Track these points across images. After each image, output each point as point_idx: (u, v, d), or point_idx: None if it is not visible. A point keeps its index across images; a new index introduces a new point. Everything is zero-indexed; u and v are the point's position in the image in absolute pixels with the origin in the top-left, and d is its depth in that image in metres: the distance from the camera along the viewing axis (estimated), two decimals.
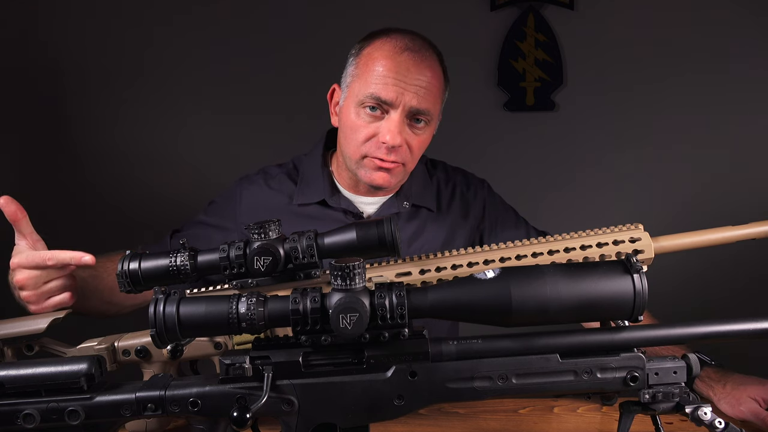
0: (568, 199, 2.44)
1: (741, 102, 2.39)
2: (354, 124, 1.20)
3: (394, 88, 1.15)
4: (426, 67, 1.18)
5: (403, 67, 1.16)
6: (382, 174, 1.21)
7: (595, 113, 2.45)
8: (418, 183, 1.35)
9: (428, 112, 1.19)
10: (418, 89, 1.16)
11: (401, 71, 1.16)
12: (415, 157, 1.23)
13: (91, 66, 2.48)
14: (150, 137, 2.52)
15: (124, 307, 1.24)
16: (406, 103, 1.16)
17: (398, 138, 1.16)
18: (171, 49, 2.47)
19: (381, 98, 1.16)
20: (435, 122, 1.26)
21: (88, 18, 2.46)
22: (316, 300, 0.69)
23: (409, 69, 1.16)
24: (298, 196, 1.32)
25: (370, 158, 1.20)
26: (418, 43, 1.20)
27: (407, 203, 1.31)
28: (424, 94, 1.17)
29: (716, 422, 0.72)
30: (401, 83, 1.15)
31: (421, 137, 1.22)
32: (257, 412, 0.69)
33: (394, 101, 1.16)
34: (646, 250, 0.87)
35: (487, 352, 0.73)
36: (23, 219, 1.04)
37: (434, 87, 1.19)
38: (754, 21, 2.36)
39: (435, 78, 1.19)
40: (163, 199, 2.48)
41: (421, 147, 1.23)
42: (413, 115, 1.18)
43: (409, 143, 1.20)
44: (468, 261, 0.88)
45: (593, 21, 2.42)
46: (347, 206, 1.30)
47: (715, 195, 2.41)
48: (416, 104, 1.16)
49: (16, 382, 0.73)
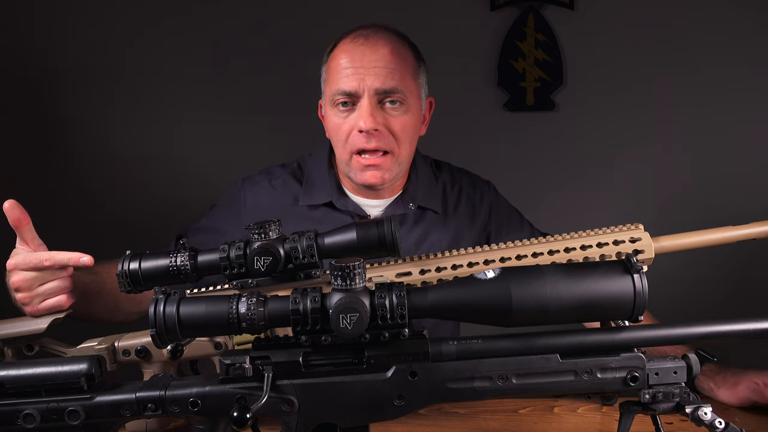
0: (568, 199, 2.44)
1: (741, 101, 2.39)
2: (335, 125, 1.22)
3: (354, 76, 1.18)
4: (381, 47, 1.19)
5: (358, 54, 1.19)
6: (372, 172, 1.21)
7: (595, 113, 2.45)
8: (423, 184, 1.33)
9: (397, 89, 1.19)
10: (378, 70, 1.18)
11: (357, 59, 1.18)
12: (401, 141, 1.22)
13: (89, 68, 2.47)
14: (149, 139, 2.51)
15: (130, 314, 1.23)
16: (369, 87, 1.18)
17: (370, 120, 1.17)
18: (170, 49, 2.46)
19: (345, 90, 1.18)
20: (414, 103, 1.24)
21: (86, 19, 2.46)
22: (316, 300, 0.69)
23: (365, 54, 1.19)
24: (303, 197, 1.31)
25: (357, 156, 1.21)
26: (374, 30, 1.23)
27: (413, 205, 1.30)
28: (386, 74, 1.18)
29: (716, 422, 0.72)
30: (360, 70, 1.18)
31: (401, 119, 1.21)
32: (257, 412, 0.69)
33: (357, 89, 1.18)
34: (647, 250, 0.87)
35: (487, 352, 0.73)
36: (27, 225, 1.02)
37: (396, 64, 1.20)
38: (755, 21, 2.36)
39: (394, 55, 1.20)
40: (163, 202, 2.48)
41: (403, 129, 1.22)
42: (384, 97, 1.19)
43: (388, 126, 1.20)
44: (468, 261, 0.88)
45: (593, 21, 2.42)
46: (354, 209, 1.29)
47: (715, 195, 2.41)
48: (380, 84, 1.18)
49: (16, 382, 0.73)
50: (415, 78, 1.25)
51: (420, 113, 1.27)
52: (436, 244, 1.30)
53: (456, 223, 1.33)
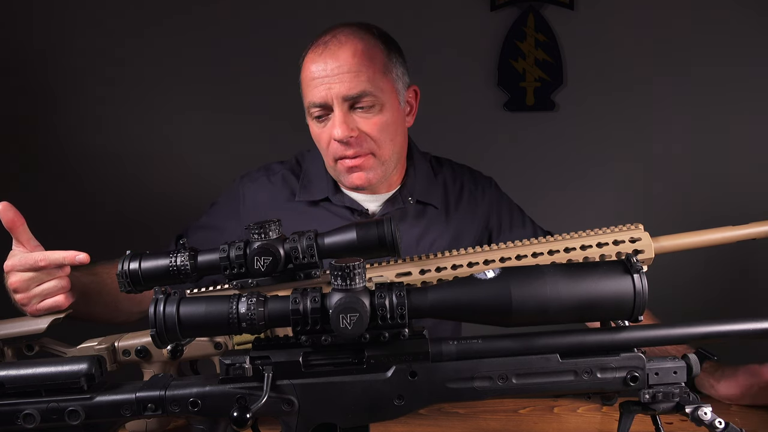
0: (568, 199, 2.44)
1: (741, 101, 2.39)
2: (315, 134, 1.23)
3: (321, 87, 1.17)
4: (343, 53, 1.17)
5: (320, 63, 1.17)
6: (357, 174, 1.21)
7: (595, 113, 2.45)
8: (422, 180, 1.33)
9: (365, 92, 1.17)
10: (341, 76, 1.16)
11: (320, 68, 1.17)
12: (380, 141, 1.20)
13: (89, 68, 2.47)
14: (149, 138, 2.51)
15: (131, 314, 1.23)
16: (336, 95, 1.16)
17: (343, 129, 1.16)
18: (170, 48, 2.46)
19: (316, 103, 1.18)
20: (390, 99, 1.21)
21: (85, 19, 2.46)
22: (316, 300, 0.69)
23: (327, 62, 1.17)
24: (301, 193, 1.31)
25: (338, 162, 1.22)
26: (333, 34, 1.20)
27: (412, 199, 1.30)
28: (350, 78, 1.16)
29: (716, 422, 0.72)
30: (325, 80, 1.16)
31: (375, 119, 1.19)
32: (257, 412, 0.69)
33: (326, 100, 1.17)
34: (647, 250, 0.87)
35: (487, 352, 0.73)
36: (21, 226, 1.02)
37: (361, 65, 1.17)
38: (755, 21, 2.36)
39: (360, 57, 1.17)
40: (163, 202, 2.48)
41: (381, 129, 1.20)
42: (354, 102, 1.18)
43: (363, 129, 1.18)
44: (468, 261, 0.88)
45: (593, 21, 2.41)
46: (351, 204, 1.29)
47: (715, 195, 2.41)
48: (346, 91, 1.16)
49: (16, 382, 0.73)
50: (386, 73, 1.21)
51: (399, 107, 1.24)
52: (438, 241, 1.30)
53: (458, 219, 1.33)
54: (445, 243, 1.30)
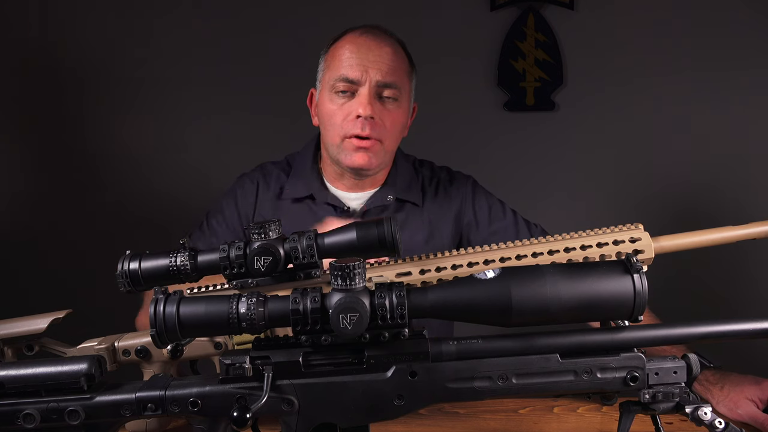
0: (567, 199, 2.44)
1: (742, 101, 2.39)
2: (330, 110, 1.29)
3: (359, 66, 1.26)
4: (385, 46, 1.29)
5: (364, 47, 1.27)
6: (361, 154, 1.27)
7: (595, 113, 2.44)
8: (404, 178, 1.39)
9: (395, 85, 1.27)
10: (380, 65, 1.26)
11: (362, 51, 1.27)
12: (391, 134, 1.29)
13: (90, 69, 2.47)
14: (149, 137, 2.51)
15: None
16: (371, 78, 1.25)
17: (369, 108, 1.24)
18: (171, 48, 2.46)
19: (348, 77, 1.26)
20: (406, 102, 1.32)
21: (85, 19, 2.46)
22: (316, 300, 0.69)
23: (370, 48, 1.27)
24: (288, 190, 1.37)
25: (348, 140, 1.27)
26: (377, 31, 1.32)
27: (391, 196, 1.35)
28: (388, 69, 1.27)
29: (716, 422, 0.72)
30: (365, 61, 1.26)
31: (393, 114, 1.29)
32: (257, 412, 0.69)
33: (360, 78, 1.26)
34: (646, 250, 0.87)
35: (487, 352, 0.73)
36: None
37: (397, 63, 1.29)
38: (755, 21, 2.36)
39: (396, 56, 1.29)
40: (163, 200, 2.48)
41: (395, 124, 1.29)
42: (382, 90, 1.27)
43: (382, 118, 1.27)
44: (468, 261, 0.88)
45: (593, 21, 2.41)
46: (333, 201, 1.35)
47: (715, 195, 2.41)
48: (381, 78, 1.26)
49: (16, 382, 0.73)
50: (409, 80, 1.33)
51: (408, 114, 1.35)
52: (414, 235, 1.35)
53: (431, 213, 1.38)
54: (422, 238, 1.35)
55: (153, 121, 2.51)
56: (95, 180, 2.51)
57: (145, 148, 2.51)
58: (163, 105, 2.50)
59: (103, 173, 2.51)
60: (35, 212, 2.44)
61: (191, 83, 2.47)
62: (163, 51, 2.47)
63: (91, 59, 2.47)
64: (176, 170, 2.51)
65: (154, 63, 2.47)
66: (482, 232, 1.38)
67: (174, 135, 2.51)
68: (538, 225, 1.40)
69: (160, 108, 2.50)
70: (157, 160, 2.51)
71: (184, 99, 2.49)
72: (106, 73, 2.47)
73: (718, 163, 2.42)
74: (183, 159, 2.51)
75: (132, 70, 2.48)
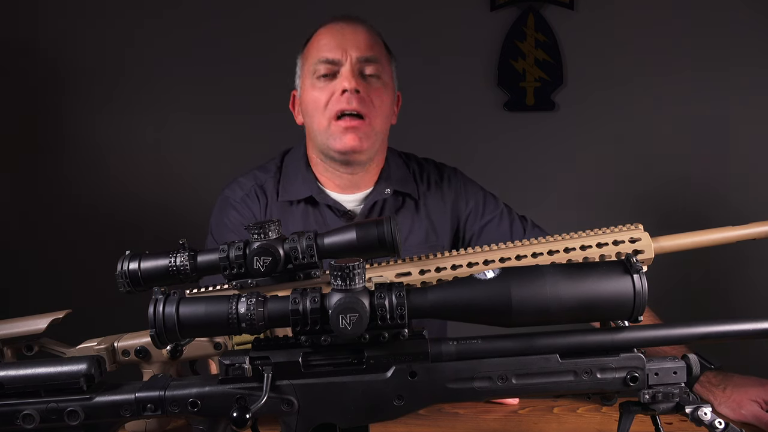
0: (567, 199, 2.44)
1: (742, 102, 2.39)
2: (314, 97, 1.27)
3: (337, 47, 1.25)
4: (360, 27, 1.29)
5: (339, 32, 1.27)
6: (351, 136, 1.24)
7: (595, 113, 2.44)
8: (397, 170, 1.37)
9: (375, 59, 1.27)
10: (358, 43, 1.26)
11: (338, 34, 1.27)
12: (378, 110, 1.27)
13: (80, 69, 2.46)
14: (144, 139, 2.50)
15: None
16: (351, 56, 1.25)
17: (354, 81, 1.23)
18: (162, 49, 2.45)
19: (328, 58, 1.25)
20: (389, 83, 1.31)
21: (84, 19, 2.46)
22: (315, 300, 0.69)
23: (345, 31, 1.27)
24: (281, 193, 1.34)
25: (336, 122, 1.24)
26: (349, 17, 1.32)
27: (389, 189, 1.33)
28: (366, 45, 1.27)
29: (716, 422, 0.72)
30: (342, 42, 1.26)
31: (379, 90, 1.27)
32: (257, 412, 0.69)
33: (340, 58, 1.25)
34: (646, 251, 0.87)
35: (487, 352, 0.73)
36: None
37: (373, 42, 1.28)
38: (755, 21, 2.36)
39: (373, 35, 1.30)
40: (155, 203, 2.47)
41: (382, 102, 1.27)
42: (363, 67, 1.26)
43: (368, 94, 1.25)
44: (468, 261, 0.88)
45: (593, 21, 2.41)
46: (332, 203, 1.32)
47: (715, 195, 2.40)
48: (360, 53, 1.25)
49: (15, 383, 0.73)
50: (388, 62, 1.32)
51: (393, 96, 1.33)
52: (415, 232, 1.33)
53: (428, 209, 1.37)
54: (422, 233, 1.34)
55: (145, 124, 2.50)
56: (95, 180, 2.51)
57: (146, 147, 2.51)
58: (164, 105, 2.50)
59: (103, 172, 2.51)
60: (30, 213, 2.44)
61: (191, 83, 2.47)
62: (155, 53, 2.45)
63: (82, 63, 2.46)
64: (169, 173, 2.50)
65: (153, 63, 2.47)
66: (477, 223, 1.38)
67: (174, 135, 2.51)
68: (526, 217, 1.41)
69: (161, 108, 2.50)
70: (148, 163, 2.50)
71: (185, 99, 2.48)
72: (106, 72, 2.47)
73: (718, 163, 2.42)
74: (176, 161, 2.50)
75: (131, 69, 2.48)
